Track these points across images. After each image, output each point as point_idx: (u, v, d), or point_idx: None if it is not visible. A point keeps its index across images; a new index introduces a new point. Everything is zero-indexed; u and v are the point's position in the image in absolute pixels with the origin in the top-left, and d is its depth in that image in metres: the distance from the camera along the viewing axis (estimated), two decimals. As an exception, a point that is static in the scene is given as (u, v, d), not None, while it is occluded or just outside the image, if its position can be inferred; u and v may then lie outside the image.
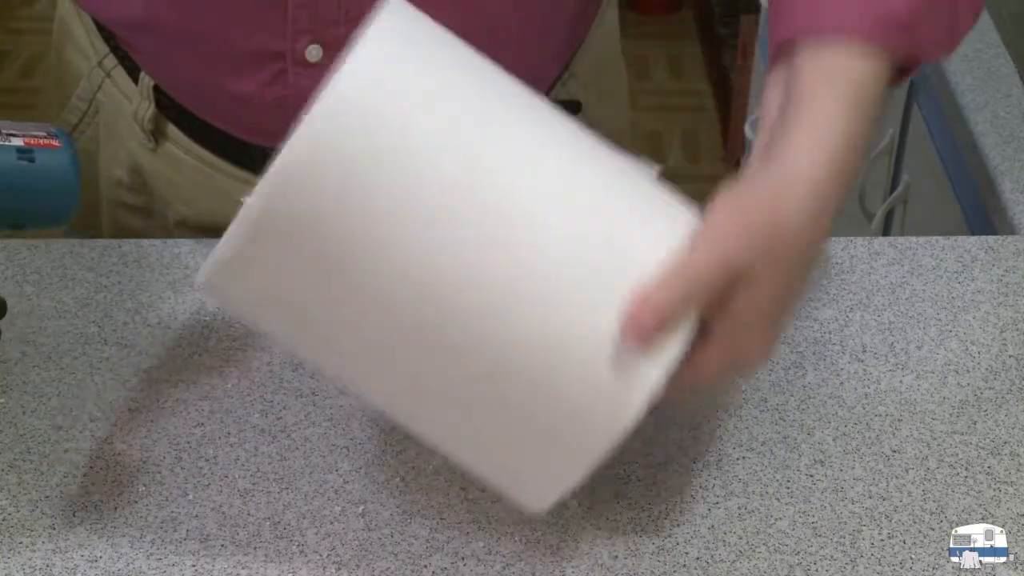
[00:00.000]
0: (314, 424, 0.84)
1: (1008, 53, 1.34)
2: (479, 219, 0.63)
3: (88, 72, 1.01)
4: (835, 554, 0.76)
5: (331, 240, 0.63)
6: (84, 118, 1.03)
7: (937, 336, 0.91)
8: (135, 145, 1.00)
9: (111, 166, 1.03)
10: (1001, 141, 1.21)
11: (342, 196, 0.62)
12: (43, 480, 0.80)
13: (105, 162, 1.03)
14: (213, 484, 0.80)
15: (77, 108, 1.03)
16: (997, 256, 0.99)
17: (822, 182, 0.68)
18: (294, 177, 0.62)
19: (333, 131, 0.62)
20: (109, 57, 0.99)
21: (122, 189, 1.03)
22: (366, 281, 0.63)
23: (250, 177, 0.98)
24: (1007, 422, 0.85)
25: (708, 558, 0.76)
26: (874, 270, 0.97)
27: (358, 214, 0.62)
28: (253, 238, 0.63)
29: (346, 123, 0.62)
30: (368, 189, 0.62)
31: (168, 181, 1.01)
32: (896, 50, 0.71)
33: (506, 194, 0.64)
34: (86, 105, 1.02)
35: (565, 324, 0.64)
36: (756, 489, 0.80)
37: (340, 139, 0.62)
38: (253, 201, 0.62)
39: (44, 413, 0.84)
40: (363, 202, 0.62)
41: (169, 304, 0.93)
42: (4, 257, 0.96)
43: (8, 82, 3.03)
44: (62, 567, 0.75)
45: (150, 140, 0.99)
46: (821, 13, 0.71)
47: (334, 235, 0.63)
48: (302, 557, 0.76)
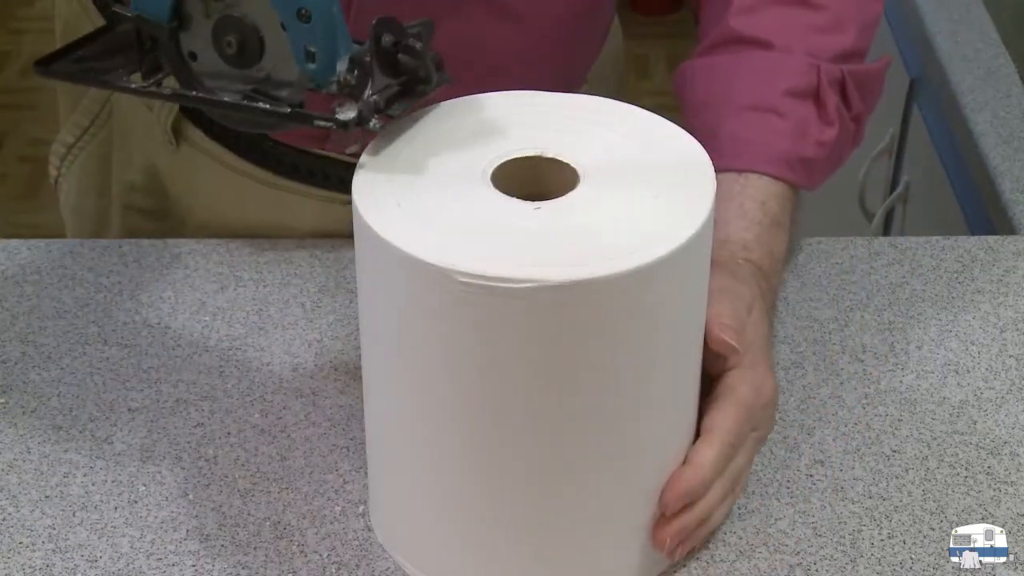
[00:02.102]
0: (314, 424, 0.84)
1: (1008, 53, 1.34)
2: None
3: None
4: (835, 554, 0.76)
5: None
6: (96, 120, 1.02)
7: (937, 336, 0.91)
8: (153, 148, 1.00)
9: (125, 169, 1.02)
10: (1001, 141, 1.21)
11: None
12: (43, 480, 0.80)
13: (118, 165, 1.02)
14: (213, 484, 0.80)
15: (89, 111, 1.02)
16: (997, 256, 0.99)
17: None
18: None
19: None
20: None
21: (135, 193, 1.02)
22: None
23: (271, 178, 0.97)
24: (1007, 422, 0.85)
25: (708, 558, 0.76)
26: (874, 270, 0.97)
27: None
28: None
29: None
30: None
31: (187, 184, 1.00)
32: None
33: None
34: (99, 107, 1.02)
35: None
36: (756, 489, 0.80)
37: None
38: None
39: (44, 413, 0.84)
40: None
41: (169, 304, 0.93)
42: (4, 257, 0.96)
43: (8, 82, 3.03)
44: (62, 567, 0.75)
45: (172, 141, 0.98)
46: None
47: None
48: (302, 557, 0.76)
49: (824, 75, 0.88)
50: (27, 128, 2.84)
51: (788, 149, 0.87)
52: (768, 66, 0.89)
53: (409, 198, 0.68)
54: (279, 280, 0.95)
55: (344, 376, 0.87)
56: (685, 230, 0.66)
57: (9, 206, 2.66)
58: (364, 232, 0.67)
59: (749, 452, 0.76)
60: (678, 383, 0.71)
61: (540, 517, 0.70)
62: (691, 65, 0.92)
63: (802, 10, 0.90)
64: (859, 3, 0.92)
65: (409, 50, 0.70)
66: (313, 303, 0.93)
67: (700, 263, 0.69)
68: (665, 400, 0.70)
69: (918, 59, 1.43)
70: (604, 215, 0.68)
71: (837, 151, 0.90)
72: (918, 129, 1.47)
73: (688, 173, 0.70)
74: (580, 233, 0.66)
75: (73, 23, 1.02)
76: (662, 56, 3.16)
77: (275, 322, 0.91)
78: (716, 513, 0.75)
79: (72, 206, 1.07)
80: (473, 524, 0.71)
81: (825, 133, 0.89)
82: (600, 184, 0.69)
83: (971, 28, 1.38)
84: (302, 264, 0.96)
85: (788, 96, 0.88)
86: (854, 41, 0.91)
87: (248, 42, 0.70)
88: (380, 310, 0.69)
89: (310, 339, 0.90)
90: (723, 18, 0.91)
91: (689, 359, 0.72)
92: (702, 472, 0.72)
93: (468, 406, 0.68)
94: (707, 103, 0.90)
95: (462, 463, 0.70)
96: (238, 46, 0.70)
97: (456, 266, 0.64)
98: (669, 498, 0.72)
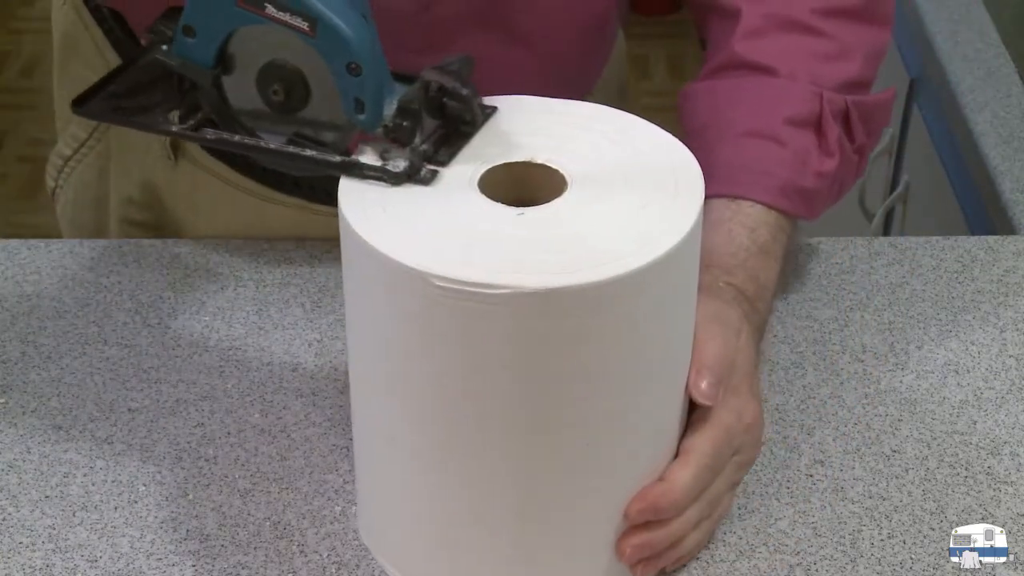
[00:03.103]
0: (314, 424, 0.84)
1: (1008, 53, 1.34)
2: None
3: None
4: (835, 554, 0.76)
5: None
6: (94, 133, 1.02)
7: (937, 336, 0.91)
8: (151, 162, 0.99)
9: (122, 183, 1.01)
10: (1001, 141, 1.21)
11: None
12: (43, 480, 0.80)
13: (116, 179, 1.02)
14: (213, 484, 0.80)
15: (87, 123, 1.02)
16: (997, 256, 0.99)
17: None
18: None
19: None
20: None
21: (132, 206, 1.02)
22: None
23: (271, 193, 0.97)
24: (1007, 422, 0.85)
25: (708, 558, 0.76)
26: (874, 270, 0.97)
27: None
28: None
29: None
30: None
31: (186, 199, 0.99)
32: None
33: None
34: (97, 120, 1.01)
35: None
36: (756, 489, 0.80)
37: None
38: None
39: (44, 413, 0.84)
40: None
41: (169, 304, 0.93)
42: (4, 257, 0.96)
43: (8, 82, 3.03)
44: (62, 567, 0.75)
45: (171, 156, 0.98)
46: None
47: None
48: (302, 557, 0.76)
49: (827, 104, 0.87)
50: (27, 128, 2.84)
51: (786, 178, 0.86)
52: (770, 93, 0.88)
53: (394, 202, 0.68)
54: (279, 280, 0.95)
55: (344, 376, 0.87)
56: (668, 240, 0.66)
57: (9, 206, 2.66)
58: (348, 235, 0.67)
59: (730, 477, 0.76)
60: (659, 397, 0.71)
61: (518, 522, 0.70)
62: (693, 88, 0.91)
63: (808, 37, 0.89)
64: (866, 32, 0.91)
65: (456, 95, 0.70)
66: (313, 303, 0.93)
67: (685, 274, 0.69)
68: (645, 413, 0.70)
69: (918, 59, 1.43)
70: (588, 222, 0.67)
71: (838, 183, 0.89)
72: (918, 129, 1.47)
73: (678, 182, 0.70)
74: (562, 240, 0.66)
75: (72, 35, 1.01)
76: (662, 56, 3.16)
77: (275, 322, 0.91)
78: (690, 537, 0.74)
79: (69, 218, 1.07)
80: (452, 528, 0.71)
81: (825, 164, 0.87)
82: (587, 191, 0.69)
83: (971, 28, 1.38)
84: (302, 264, 0.96)
85: (789, 124, 0.87)
86: (860, 70, 0.90)
87: (294, 88, 0.70)
88: (364, 314, 0.69)
89: (310, 339, 0.90)
90: (728, 42, 0.90)
91: (672, 373, 0.72)
92: (673, 492, 0.72)
93: (447, 411, 0.68)
94: (707, 126, 0.89)
95: (440, 467, 0.70)
96: (285, 93, 0.70)
97: (433, 270, 0.64)
98: (632, 509, 0.71)
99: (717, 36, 0.92)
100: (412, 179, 0.69)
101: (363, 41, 0.67)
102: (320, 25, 0.67)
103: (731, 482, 0.76)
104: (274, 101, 0.71)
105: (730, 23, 0.90)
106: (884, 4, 0.93)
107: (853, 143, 0.90)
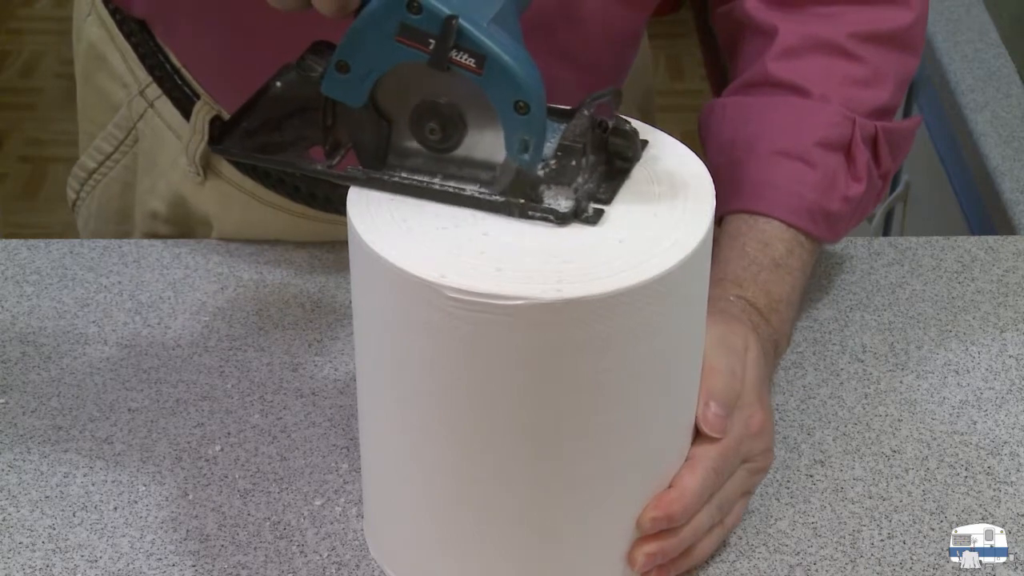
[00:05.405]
0: (314, 424, 0.84)
1: (1008, 53, 1.34)
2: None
3: (128, 100, 0.99)
4: (835, 554, 0.76)
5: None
6: (121, 146, 1.01)
7: (937, 336, 0.91)
8: (178, 177, 0.99)
9: (148, 198, 1.01)
10: (1001, 141, 1.21)
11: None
12: (43, 480, 0.80)
13: (141, 193, 1.01)
14: (213, 484, 0.80)
15: (113, 136, 1.01)
16: (997, 256, 0.99)
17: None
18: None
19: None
20: (152, 87, 0.97)
21: (158, 221, 1.01)
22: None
23: (303, 209, 0.97)
24: (1007, 422, 0.85)
25: (708, 558, 0.76)
26: (874, 270, 0.97)
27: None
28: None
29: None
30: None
31: (213, 214, 0.99)
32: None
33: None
34: (124, 133, 1.00)
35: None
36: (756, 489, 0.80)
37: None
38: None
39: (44, 413, 0.84)
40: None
41: (169, 304, 0.93)
42: (4, 257, 0.96)
43: (8, 82, 3.03)
44: (62, 567, 0.75)
45: (199, 173, 0.97)
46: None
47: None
48: (302, 557, 0.76)
49: (859, 129, 0.87)
50: (27, 128, 2.84)
51: (813, 200, 0.86)
52: (803, 114, 0.87)
53: (404, 212, 0.68)
54: (279, 280, 0.95)
55: (344, 376, 0.87)
56: (679, 252, 0.66)
57: (9, 206, 2.66)
58: (357, 245, 0.67)
59: (741, 484, 0.76)
60: (671, 406, 0.71)
61: (529, 533, 0.70)
62: (721, 103, 0.91)
63: (843, 61, 0.89)
64: (899, 59, 0.91)
65: (619, 132, 0.69)
66: (313, 303, 0.93)
67: (695, 286, 0.69)
68: (657, 423, 0.70)
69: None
70: (599, 233, 0.67)
71: (862, 207, 0.89)
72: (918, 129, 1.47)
73: (688, 193, 0.70)
74: (574, 251, 0.66)
75: (98, 47, 1.00)
76: (662, 56, 3.16)
77: (275, 322, 0.91)
78: (702, 543, 0.74)
79: (92, 230, 1.06)
80: (463, 540, 0.71)
81: (852, 188, 0.87)
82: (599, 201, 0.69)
83: (971, 28, 1.39)
84: (302, 264, 0.96)
85: (820, 147, 0.86)
86: (890, 96, 0.90)
87: (452, 127, 0.68)
88: (373, 325, 0.69)
89: (310, 339, 0.90)
90: (761, 60, 0.89)
91: (684, 383, 0.72)
92: (684, 498, 0.72)
93: (458, 423, 0.68)
94: (735, 142, 0.88)
95: (451, 477, 0.69)
96: (442, 131, 0.68)
97: (445, 281, 0.64)
98: (645, 518, 0.71)
99: (749, 53, 0.92)
100: (578, 218, 0.68)
101: (532, 79, 0.66)
102: (488, 62, 0.65)
103: (743, 489, 0.76)
104: (430, 140, 0.69)
105: (764, 41, 0.90)
106: (918, 32, 0.93)
107: (879, 169, 0.90)
